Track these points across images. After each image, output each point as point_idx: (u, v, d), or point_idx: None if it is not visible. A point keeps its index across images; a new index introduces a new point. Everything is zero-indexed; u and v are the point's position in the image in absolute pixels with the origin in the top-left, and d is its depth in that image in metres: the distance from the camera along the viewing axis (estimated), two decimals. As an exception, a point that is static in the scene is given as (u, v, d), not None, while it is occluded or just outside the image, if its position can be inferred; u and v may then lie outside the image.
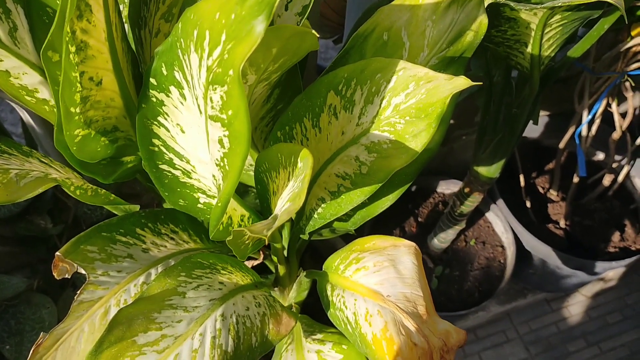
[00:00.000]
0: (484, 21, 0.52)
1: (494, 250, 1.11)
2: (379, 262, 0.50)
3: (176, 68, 0.41)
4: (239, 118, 0.35)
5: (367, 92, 0.47)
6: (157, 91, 0.44)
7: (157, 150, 0.48)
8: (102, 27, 0.43)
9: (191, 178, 0.50)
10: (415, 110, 0.45)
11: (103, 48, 0.44)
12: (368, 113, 0.48)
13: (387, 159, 0.47)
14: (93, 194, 0.55)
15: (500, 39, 0.62)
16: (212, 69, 0.36)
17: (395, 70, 0.46)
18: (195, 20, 0.36)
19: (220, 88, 0.36)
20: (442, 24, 0.51)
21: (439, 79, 0.44)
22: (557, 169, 1.15)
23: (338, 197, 0.50)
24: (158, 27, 0.49)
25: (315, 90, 0.50)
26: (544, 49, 0.64)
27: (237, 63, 0.33)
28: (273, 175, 0.48)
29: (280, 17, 0.56)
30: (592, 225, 1.12)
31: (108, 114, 0.48)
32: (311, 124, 0.51)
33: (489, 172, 0.87)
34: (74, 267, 0.53)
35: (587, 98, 0.97)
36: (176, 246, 0.61)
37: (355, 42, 0.51)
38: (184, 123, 0.45)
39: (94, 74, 0.44)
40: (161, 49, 0.41)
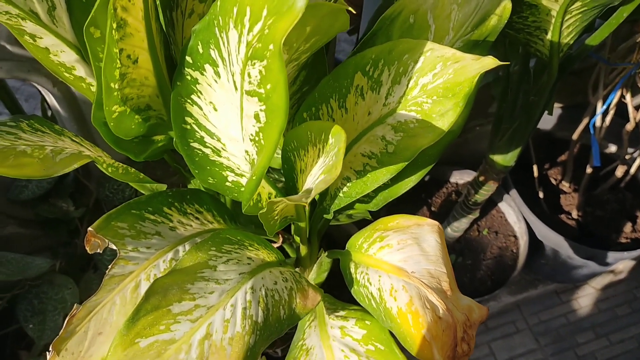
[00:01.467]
0: (508, 5, 0.54)
1: (507, 239, 1.12)
2: (403, 240, 0.51)
3: (212, 46, 0.43)
4: (277, 91, 0.37)
5: (394, 73, 0.48)
6: (192, 69, 0.45)
7: (189, 129, 0.49)
8: (140, 5, 0.44)
9: (221, 156, 0.51)
10: (442, 89, 0.46)
11: (140, 27, 0.45)
12: (395, 93, 0.49)
13: (413, 138, 0.48)
14: (124, 171, 0.56)
15: (521, 25, 0.63)
16: (252, 44, 0.37)
17: (422, 51, 0.47)
18: (235, -3, 0.37)
19: (260, 63, 0.37)
20: (467, 8, 0.52)
21: (467, 59, 0.45)
22: (570, 161, 1.16)
23: (364, 176, 0.52)
24: (192, 8, 0.50)
25: (343, 71, 0.51)
26: (564, 36, 0.65)
27: (278, 37, 0.34)
28: (301, 154, 0.49)
29: None
30: (604, 216, 1.13)
31: (142, 92, 0.49)
32: (337, 104, 0.52)
33: (504, 160, 0.88)
34: (105, 242, 0.54)
35: (602, 89, 0.98)
36: (201, 226, 0.62)
37: (382, 25, 0.52)
38: (217, 101, 0.46)
39: (131, 51, 0.45)
40: (198, 27, 0.43)
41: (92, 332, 0.51)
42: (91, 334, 0.50)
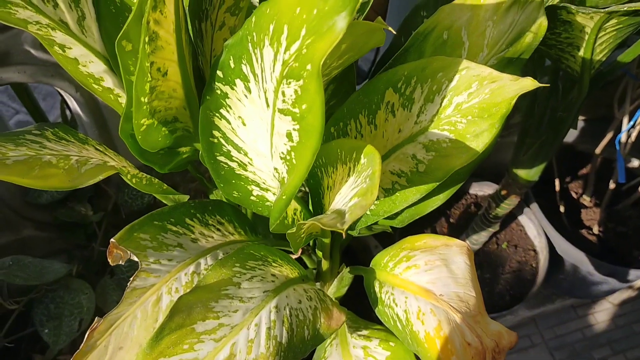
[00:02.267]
0: (544, 23, 0.52)
1: (526, 254, 1.10)
2: (431, 261, 0.50)
3: (244, 61, 0.42)
4: (313, 112, 0.36)
5: (427, 91, 0.47)
6: (222, 83, 0.44)
7: (217, 142, 0.48)
8: (172, 18, 0.43)
9: (247, 170, 0.50)
10: (478, 109, 0.45)
11: (170, 39, 0.45)
12: (428, 111, 0.48)
13: (446, 158, 0.47)
14: (147, 182, 0.56)
15: (553, 41, 0.62)
16: (288, 63, 0.36)
17: (458, 69, 0.46)
18: (272, 15, 0.37)
19: (295, 82, 0.36)
20: (502, 25, 0.51)
21: (504, 79, 0.44)
22: (592, 175, 1.14)
23: (392, 195, 0.51)
24: (223, 20, 0.50)
25: (373, 87, 0.50)
26: (596, 53, 0.63)
27: (317, 58, 0.33)
28: (330, 171, 0.48)
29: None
30: (626, 232, 1.11)
31: (170, 104, 0.49)
32: (367, 120, 0.51)
33: (528, 175, 0.86)
34: (127, 254, 0.54)
35: (629, 104, 0.96)
36: (222, 237, 0.61)
37: (414, 41, 0.51)
38: (246, 116, 0.46)
39: (162, 64, 0.44)
40: (231, 42, 0.42)
41: (112, 346, 0.50)
42: (112, 348, 0.50)
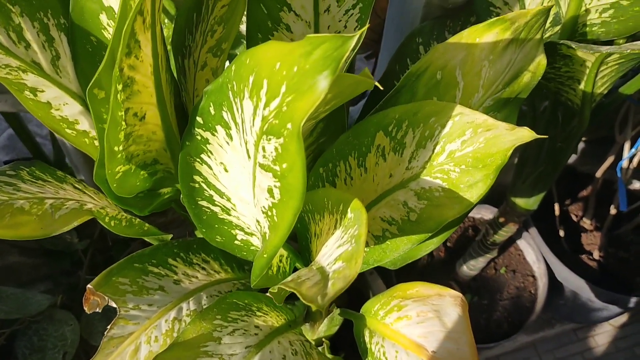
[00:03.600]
0: (543, 62, 0.50)
1: (525, 279, 1.07)
2: (423, 312, 0.47)
3: (225, 109, 0.39)
4: (293, 172, 0.33)
5: (419, 136, 0.45)
6: (202, 129, 0.42)
7: (198, 187, 0.46)
8: (149, 61, 0.41)
9: (230, 215, 0.48)
10: (472, 159, 0.42)
11: (148, 82, 0.42)
12: (419, 157, 0.45)
13: (438, 208, 0.44)
14: (127, 224, 0.53)
15: (553, 75, 0.60)
16: (268, 119, 0.34)
17: (451, 115, 0.43)
18: (251, 66, 0.34)
19: (276, 140, 0.34)
20: (499, 64, 0.48)
21: (499, 127, 0.41)
22: (592, 198, 1.11)
23: (383, 243, 0.48)
24: (205, 61, 0.47)
25: (363, 129, 0.48)
26: (597, 86, 0.61)
27: (298, 117, 0.31)
28: (317, 218, 0.46)
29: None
30: (628, 257, 1.08)
31: (149, 147, 0.46)
32: (356, 163, 0.49)
33: (527, 204, 0.84)
34: (105, 300, 0.51)
35: (630, 129, 0.93)
36: (207, 277, 0.59)
37: (407, 81, 0.49)
38: (228, 162, 0.43)
39: (139, 109, 0.42)
40: (210, 89, 0.40)
41: (87, 402, 0.47)
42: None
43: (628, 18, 0.53)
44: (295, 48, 0.31)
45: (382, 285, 0.99)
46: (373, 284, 0.99)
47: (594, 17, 0.56)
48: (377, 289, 0.97)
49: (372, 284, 0.99)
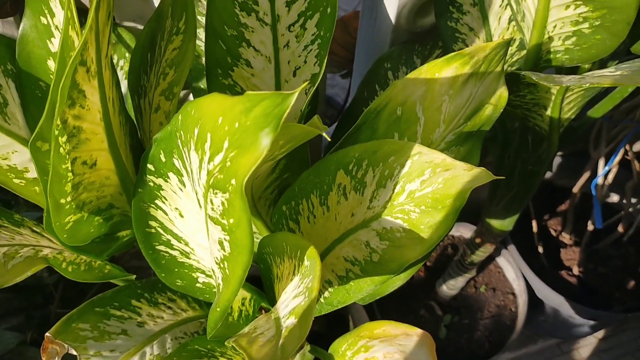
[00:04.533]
0: (504, 94, 0.49)
1: (505, 297, 1.07)
2: (390, 354, 0.46)
3: (175, 156, 0.38)
4: (241, 228, 0.32)
5: (379, 175, 0.44)
6: (154, 176, 0.41)
7: (155, 232, 0.45)
8: (97, 108, 0.40)
9: (190, 259, 0.47)
10: (431, 200, 0.41)
11: (98, 129, 0.41)
12: (380, 197, 0.44)
13: (400, 249, 0.44)
14: (86, 268, 0.52)
15: (518, 102, 0.59)
16: (213, 173, 0.33)
17: (410, 154, 0.42)
18: (196, 118, 0.33)
19: (222, 194, 0.33)
20: (459, 99, 0.48)
21: (457, 167, 0.40)
22: (571, 213, 1.11)
23: (346, 284, 0.47)
24: (158, 103, 0.46)
25: (324, 167, 0.47)
26: (564, 111, 0.61)
27: (241, 174, 0.30)
28: (277, 261, 0.45)
29: (288, 83, 0.53)
30: (607, 273, 1.08)
31: (103, 193, 0.45)
32: (319, 201, 0.48)
33: (502, 225, 0.83)
34: (65, 348, 0.50)
35: (604, 145, 0.94)
36: (173, 316, 0.58)
37: (366, 119, 0.48)
38: (183, 208, 0.42)
39: (88, 157, 0.41)
40: (160, 136, 0.39)
41: None
42: None
43: (590, 46, 0.53)
44: (236, 104, 0.30)
45: (361, 308, 0.98)
46: (351, 307, 0.98)
47: (558, 45, 0.55)
48: (355, 313, 0.96)
49: (351, 307, 0.99)
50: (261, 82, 0.53)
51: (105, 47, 0.40)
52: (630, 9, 0.47)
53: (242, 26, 0.50)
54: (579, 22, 0.52)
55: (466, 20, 0.65)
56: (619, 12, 0.48)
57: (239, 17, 0.50)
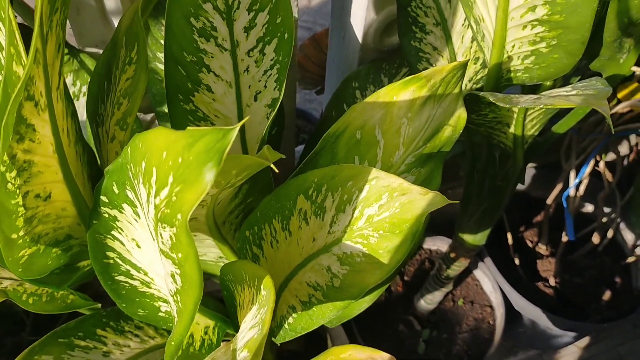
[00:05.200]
0: (463, 115, 0.50)
1: (483, 310, 1.07)
2: (354, 379, 0.46)
3: (128, 188, 0.38)
4: (189, 263, 0.32)
5: (338, 200, 0.44)
6: (109, 208, 0.40)
7: (113, 263, 0.44)
8: (50, 140, 0.40)
9: (151, 288, 0.46)
10: (389, 224, 0.42)
11: (51, 161, 0.41)
12: (340, 222, 0.44)
13: (360, 274, 0.43)
14: (48, 299, 0.51)
15: (481, 121, 0.60)
16: (160, 208, 0.32)
17: (367, 179, 0.43)
18: (143, 152, 0.33)
19: (170, 228, 0.32)
20: (418, 121, 0.48)
21: (413, 192, 0.41)
22: (546, 224, 1.12)
23: (309, 309, 0.47)
24: (113, 133, 0.46)
25: (285, 192, 0.47)
26: (527, 128, 0.61)
27: (186, 209, 0.30)
28: (238, 289, 0.45)
29: (249, 107, 0.53)
30: (583, 283, 1.09)
31: (60, 224, 0.45)
32: (281, 226, 0.48)
33: (474, 240, 0.84)
34: (26, 382, 0.49)
35: (574, 158, 0.94)
36: (141, 344, 0.57)
37: (325, 143, 0.48)
38: (140, 238, 0.42)
39: (41, 190, 0.40)
40: (111, 168, 0.38)
41: None
42: None
43: (549, 64, 0.54)
44: (179, 139, 0.30)
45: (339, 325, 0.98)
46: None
47: (517, 64, 0.56)
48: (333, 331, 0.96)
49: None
50: (223, 106, 0.53)
51: (56, 79, 0.39)
52: (584, 29, 0.48)
53: (201, 52, 0.50)
54: (537, 41, 0.52)
55: (429, 40, 0.65)
56: (574, 32, 0.49)
57: (198, 43, 0.50)
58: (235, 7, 0.49)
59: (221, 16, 0.49)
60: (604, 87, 0.47)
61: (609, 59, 0.57)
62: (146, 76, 0.43)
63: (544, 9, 0.48)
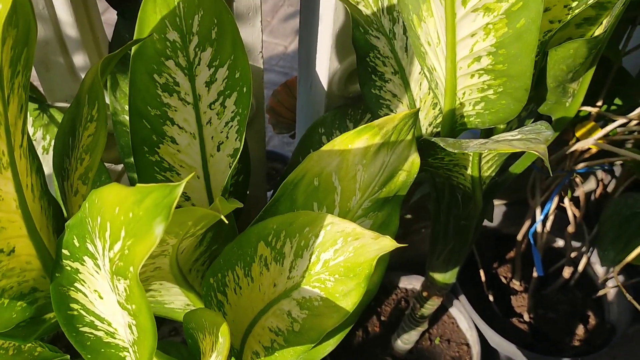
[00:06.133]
0: (416, 160, 0.52)
1: (460, 348, 1.08)
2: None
3: (88, 241, 0.39)
4: (142, 314, 0.33)
5: (296, 246, 0.46)
6: (71, 260, 0.42)
7: (77, 314, 0.45)
8: (13, 197, 0.41)
9: (115, 338, 0.47)
10: (344, 268, 0.43)
11: (15, 217, 0.42)
12: (298, 267, 0.46)
13: (318, 318, 0.45)
14: (15, 352, 0.51)
15: (438, 164, 0.62)
16: (114, 261, 0.34)
17: (323, 224, 0.44)
18: (99, 207, 0.35)
19: (124, 281, 0.34)
20: (372, 168, 0.50)
21: (366, 236, 0.42)
22: (518, 260, 1.14)
23: (272, 354, 0.48)
24: (77, 187, 0.47)
25: (246, 239, 0.48)
26: (484, 170, 0.64)
27: (137, 262, 0.31)
28: (200, 336, 0.46)
29: (213, 157, 0.55)
30: (556, 318, 1.10)
31: (24, 277, 0.45)
32: (243, 272, 0.49)
33: (444, 278, 0.85)
34: None
35: (539, 195, 0.97)
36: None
37: (284, 191, 0.50)
38: (102, 290, 0.43)
39: (5, 245, 0.42)
40: (72, 222, 0.40)
41: None
42: None
43: (498, 110, 0.57)
44: (129, 195, 0.31)
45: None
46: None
47: (469, 109, 0.59)
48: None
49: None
50: (188, 157, 0.55)
51: (19, 138, 0.41)
52: (526, 77, 0.51)
53: (165, 106, 0.52)
54: (485, 89, 0.55)
55: (389, 88, 0.68)
56: (517, 79, 0.52)
57: (162, 97, 0.52)
58: (197, 63, 0.52)
59: (183, 72, 0.52)
60: (547, 131, 0.50)
61: (556, 102, 0.60)
62: (105, 133, 0.45)
63: (488, 59, 0.52)
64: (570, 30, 0.56)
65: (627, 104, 0.93)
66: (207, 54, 0.51)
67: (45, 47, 0.61)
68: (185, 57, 0.51)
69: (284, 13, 2.19)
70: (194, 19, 0.50)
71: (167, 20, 0.49)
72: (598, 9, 0.53)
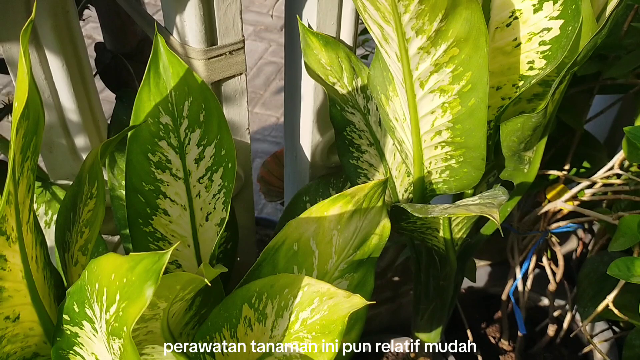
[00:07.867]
0: (387, 225, 0.57)
1: (451, 410, 1.09)
2: None
3: (87, 306, 0.44)
4: (135, 369, 0.37)
5: (277, 306, 0.50)
6: (70, 325, 0.46)
7: (76, 375, 0.49)
8: (19, 268, 0.46)
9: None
10: (320, 326, 0.47)
11: (20, 286, 0.46)
12: (279, 326, 0.50)
13: (298, 373, 0.48)
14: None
15: (412, 227, 0.67)
16: (110, 322, 0.38)
17: (300, 286, 0.49)
18: (97, 274, 0.39)
19: (118, 340, 0.38)
20: (346, 232, 0.55)
21: (339, 295, 0.47)
22: (505, 319, 1.17)
23: (258, 410, 0.51)
24: (77, 258, 0.52)
25: (231, 302, 0.53)
26: (455, 232, 0.69)
27: (130, 321, 0.36)
28: (189, 396, 0.49)
29: (202, 227, 0.60)
30: (544, 376, 1.12)
31: (27, 343, 0.49)
32: (229, 334, 0.53)
33: (429, 338, 0.88)
34: None
35: (517, 255, 1.02)
36: None
37: (267, 255, 0.55)
38: (98, 352, 0.47)
39: (11, 312, 0.46)
40: (72, 290, 0.44)
41: None
42: None
43: (461, 177, 0.62)
44: (123, 263, 0.36)
45: None
46: None
47: (437, 177, 0.64)
48: None
49: None
50: (179, 227, 0.60)
51: (26, 215, 0.46)
52: (481, 148, 0.57)
53: (158, 181, 0.58)
54: (448, 158, 0.61)
55: (365, 158, 0.74)
56: (474, 150, 0.58)
57: (155, 174, 0.57)
58: (187, 142, 0.57)
59: (175, 151, 0.57)
60: (503, 196, 0.56)
61: (514, 169, 0.66)
62: (104, 208, 0.50)
63: (447, 132, 0.58)
64: (523, 105, 0.62)
65: (595, 167, 0.99)
66: (196, 134, 0.57)
67: (50, 131, 0.67)
68: (176, 138, 0.57)
69: (276, 86, 2.30)
70: (184, 104, 0.56)
71: (160, 106, 0.55)
72: (544, 86, 0.59)
